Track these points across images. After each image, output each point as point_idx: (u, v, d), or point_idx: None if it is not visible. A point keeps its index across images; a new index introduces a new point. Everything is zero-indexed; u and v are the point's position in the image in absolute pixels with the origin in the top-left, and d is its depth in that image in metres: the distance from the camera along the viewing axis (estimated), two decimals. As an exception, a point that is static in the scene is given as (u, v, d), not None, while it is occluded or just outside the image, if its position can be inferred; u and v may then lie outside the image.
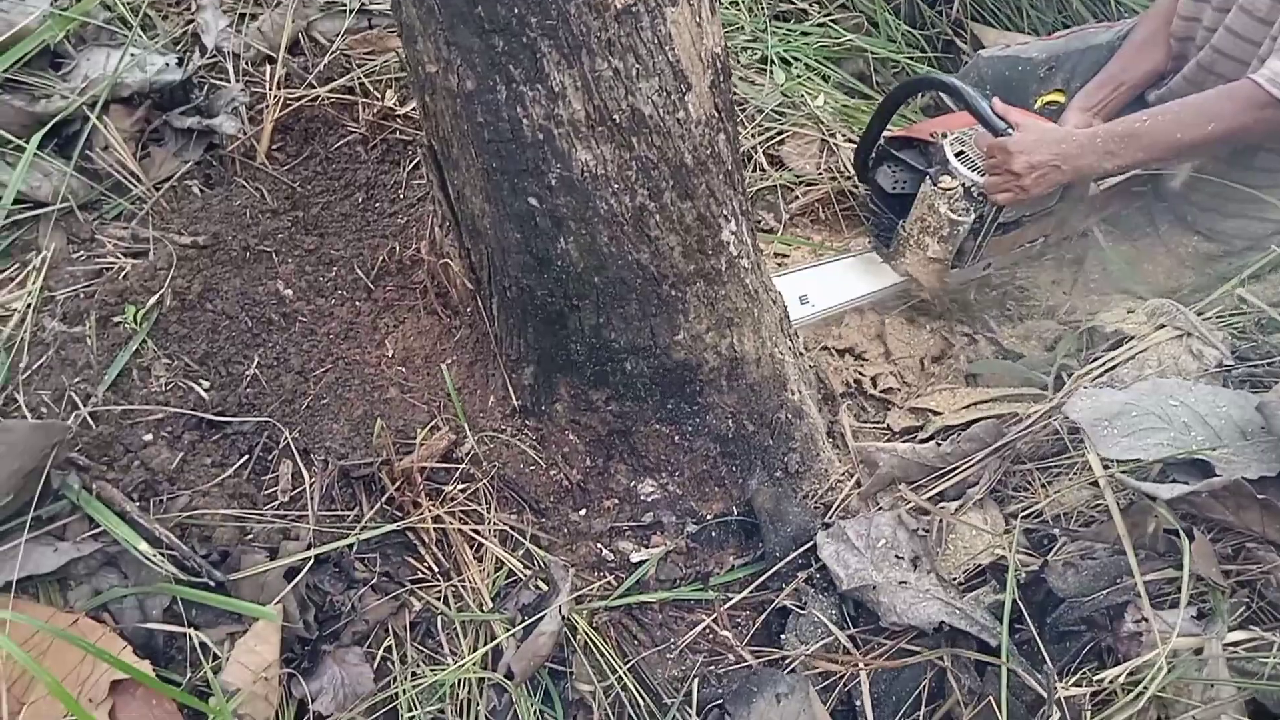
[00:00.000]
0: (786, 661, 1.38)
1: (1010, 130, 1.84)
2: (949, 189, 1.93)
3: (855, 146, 2.15)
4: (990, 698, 1.18)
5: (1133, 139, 1.79)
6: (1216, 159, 2.02)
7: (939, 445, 1.65)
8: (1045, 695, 1.10)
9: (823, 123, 2.45)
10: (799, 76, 2.57)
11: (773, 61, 2.56)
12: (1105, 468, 1.34)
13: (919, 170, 2.04)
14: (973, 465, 1.63)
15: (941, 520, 1.50)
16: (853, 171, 2.38)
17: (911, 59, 2.75)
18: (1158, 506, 1.20)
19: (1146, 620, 1.12)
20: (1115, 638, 1.15)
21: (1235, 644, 1.08)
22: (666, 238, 1.40)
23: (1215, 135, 1.77)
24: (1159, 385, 1.48)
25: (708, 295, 1.49)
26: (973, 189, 1.92)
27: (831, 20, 2.76)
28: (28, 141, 1.66)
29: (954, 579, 1.42)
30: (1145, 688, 1.05)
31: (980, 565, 1.42)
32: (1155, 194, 2.22)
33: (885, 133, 2.09)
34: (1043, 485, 1.57)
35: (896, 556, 1.42)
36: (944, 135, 2.00)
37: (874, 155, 2.13)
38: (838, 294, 2.07)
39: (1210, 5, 2.00)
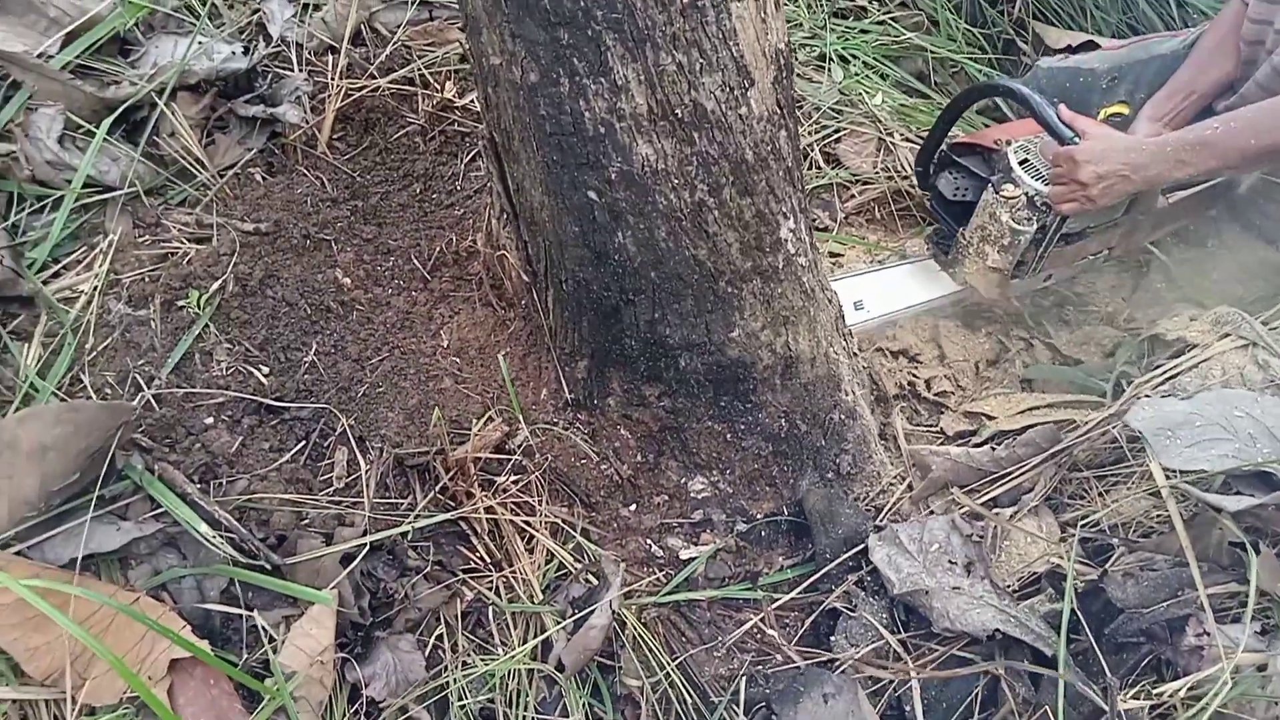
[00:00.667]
0: (836, 664, 1.37)
1: (1077, 139, 1.80)
2: (1012, 197, 1.89)
3: (917, 150, 2.13)
4: (1046, 708, 1.17)
5: (1205, 147, 1.75)
6: None
7: (994, 450, 1.63)
8: (1105, 707, 1.09)
9: (880, 121, 2.43)
10: (857, 74, 2.55)
11: (831, 59, 2.53)
12: (1167, 478, 1.31)
13: (981, 177, 2.01)
14: (1028, 471, 1.61)
15: (996, 526, 1.49)
16: (910, 172, 2.36)
17: (972, 58, 2.71)
18: (1223, 519, 1.18)
19: (1209, 634, 1.10)
20: (1175, 651, 1.13)
21: (1303, 662, 1.05)
22: (725, 234, 1.40)
23: None
24: (1224, 395, 1.45)
25: (764, 293, 1.48)
26: (1036, 198, 1.88)
27: (891, 18, 2.74)
28: (98, 126, 1.69)
29: (1008, 586, 1.40)
30: (1207, 704, 1.03)
31: (1035, 573, 1.40)
32: (1222, 201, 2.17)
33: (948, 138, 2.06)
34: (1100, 494, 1.54)
35: (950, 561, 1.41)
36: (1008, 143, 1.97)
37: (936, 161, 2.10)
38: (894, 300, 2.05)
39: None
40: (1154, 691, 1.09)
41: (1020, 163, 1.92)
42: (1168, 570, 1.21)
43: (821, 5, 2.69)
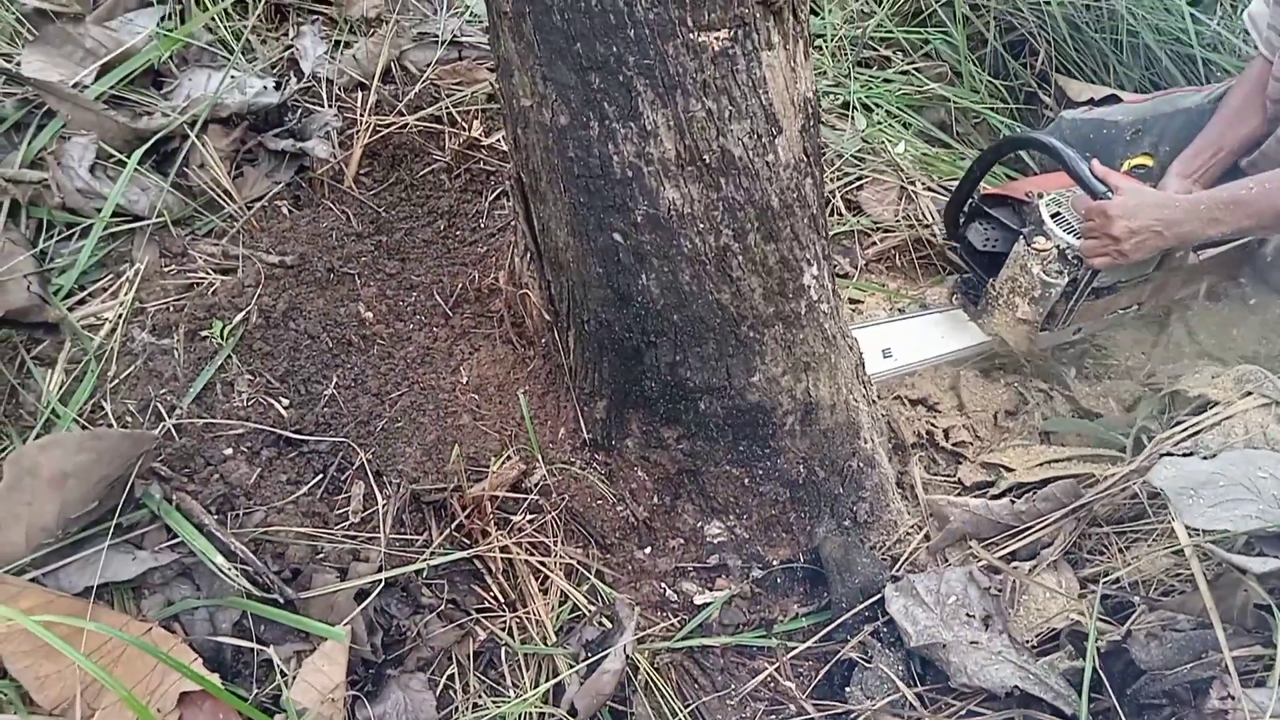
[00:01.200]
0: (851, 716, 1.35)
1: (1110, 194, 1.80)
2: (1043, 250, 1.89)
3: (947, 201, 2.13)
4: (1067, 768, 1.15)
5: (1238, 206, 1.75)
6: None
7: (1013, 503, 1.62)
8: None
9: (902, 170, 2.44)
10: (880, 123, 2.56)
11: (854, 107, 2.55)
12: (1190, 537, 1.30)
13: (1012, 229, 2.01)
14: (1047, 526, 1.60)
15: (1014, 580, 1.47)
16: (932, 221, 2.37)
17: (993, 109, 2.73)
18: (1248, 580, 1.16)
19: (1233, 698, 1.08)
20: (1199, 715, 1.11)
21: (1331, 730, 1.03)
22: (748, 279, 1.40)
23: None
24: (1248, 456, 1.44)
25: (786, 338, 1.48)
26: (1068, 251, 1.88)
27: (915, 68, 2.76)
28: (129, 157, 1.72)
29: (1026, 642, 1.38)
30: (1234, 770, 1.01)
31: (1054, 629, 1.38)
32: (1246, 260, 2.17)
33: (979, 189, 2.06)
34: (1120, 550, 1.53)
35: (968, 615, 1.39)
36: (1040, 195, 1.97)
37: (966, 211, 2.10)
38: (922, 349, 2.04)
39: None
40: (1179, 756, 1.08)
41: (1052, 215, 1.92)
42: (1191, 631, 1.19)
43: (846, 54, 2.72)
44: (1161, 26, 2.71)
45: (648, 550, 1.59)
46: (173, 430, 1.45)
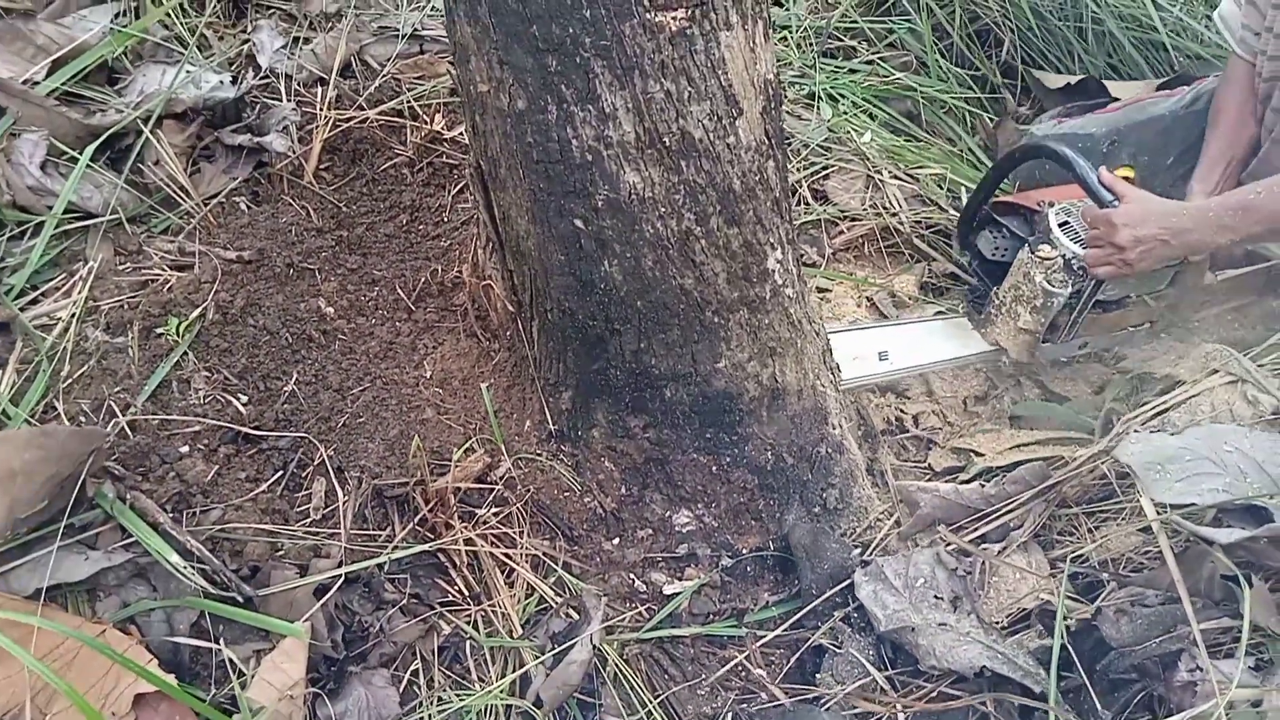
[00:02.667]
0: (822, 701, 1.34)
1: (1116, 202, 1.77)
2: (1047, 259, 1.86)
3: (961, 210, 2.11)
4: (1036, 746, 1.14)
5: (1247, 211, 1.70)
6: None
7: (983, 487, 1.61)
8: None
9: (869, 159, 2.43)
10: (846, 113, 2.56)
11: (820, 97, 2.55)
12: (1158, 512, 1.30)
13: (1021, 238, 1.99)
14: (1017, 508, 1.59)
15: (984, 562, 1.46)
16: (896, 208, 2.36)
17: (961, 99, 2.73)
18: (1214, 552, 1.16)
19: (1202, 670, 1.07)
20: (1168, 687, 1.10)
21: (1298, 698, 1.03)
22: (711, 263, 1.39)
23: None
24: (1214, 431, 1.44)
25: (751, 323, 1.47)
26: (1073, 261, 1.84)
27: (880, 58, 2.76)
28: (81, 153, 1.68)
29: (996, 622, 1.37)
30: (1202, 742, 1.01)
31: (1024, 609, 1.38)
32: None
33: (994, 197, 2.05)
34: (1090, 530, 1.52)
35: (936, 597, 1.38)
36: (1050, 204, 1.94)
37: (977, 220, 2.08)
38: (920, 355, 1.99)
39: None
40: (1147, 729, 1.07)
41: (1060, 225, 1.88)
42: (1160, 606, 1.19)
43: (811, 44, 2.71)
44: (1124, 13, 2.72)
45: (616, 541, 1.57)
46: (126, 428, 1.42)
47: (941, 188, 2.44)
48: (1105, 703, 1.15)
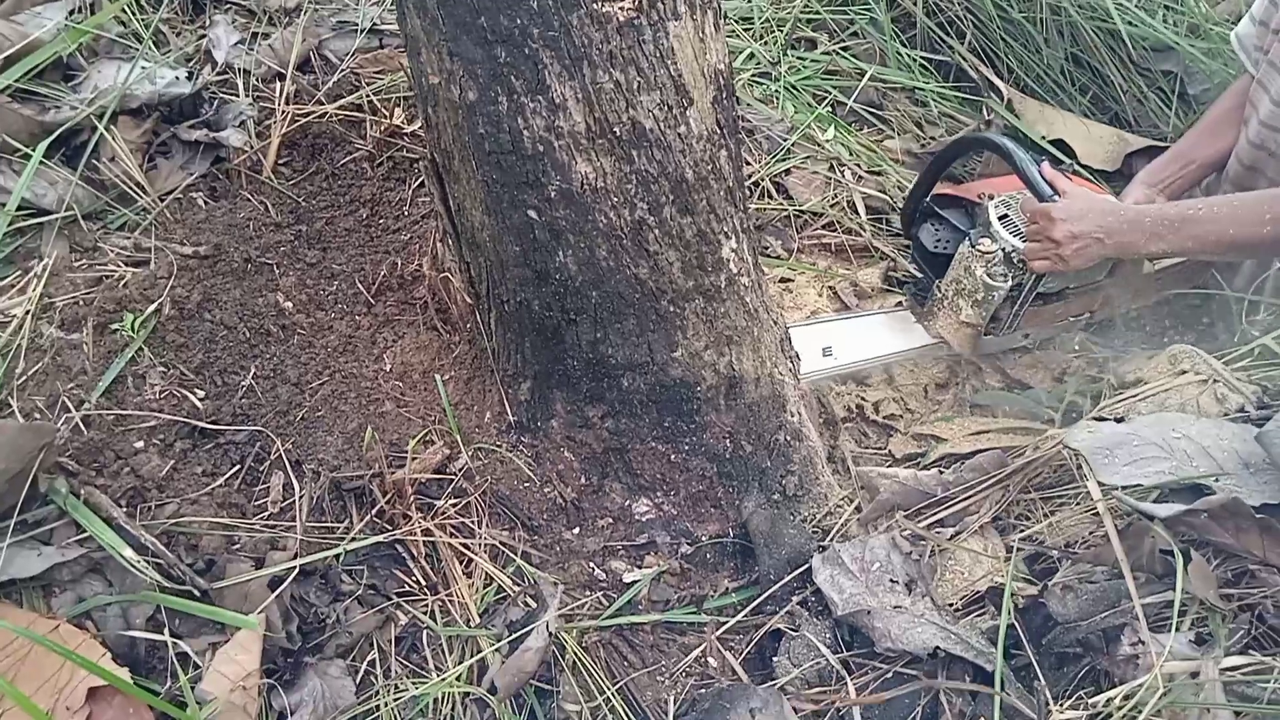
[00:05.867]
0: (777, 683, 1.35)
1: (1056, 196, 1.77)
2: (988, 252, 1.87)
3: (904, 201, 2.12)
4: (983, 719, 1.16)
5: (1184, 225, 1.70)
6: None
7: (941, 473, 1.63)
8: (1036, 718, 1.08)
9: (830, 154, 2.45)
10: (809, 106, 2.57)
11: (782, 92, 2.56)
12: (1105, 494, 1.32)
13: (963, 231, 1.98)
14: (975, 494, 1.60)
15: (938, 545, 1.48)
16: (859, 205, 2.38)
17: (924, 86, 2.74)
18: (1154, 526, 1.18)
19: (1143, 643, 1.09)
20: (1111, 661, 1.12)
21: (1235, 668, 1.04)
22: (665, 253, 1.40)
23: (1269, 238, 1.66)
24: (1162, 418, 1.46)
25: (707, 312, 1.48)
26: (1013, 254, 1.85)
27: (842, 48, 2.77)
28: (34, 150, 1.67)
29: (951, 605, 1.39)
30: (1138, 711, 1.02)
31: (979, 591, 1.39)
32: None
33: (935, 190, 2.05)
34: (1045, 515, 1.54)
35: (891, 580, 1.40)
36: (991, 197, 1.95)
37: (919, 212, 2.09)
38: (864, 349, 2.00)
39: (1278, 79, 1.91)
40: (1090, 701, 1.08)
41: (1000, 218, 1.89)
42: (1106, 582, 1.20)
43: (775, 36, 2.72)
44: (1086, 2, 2.74)
45: (576, 530, 1.58)
46: (80, 424, 1.42)
47: (901, 191, 2.45)
48: (1054, 678, 1.17)
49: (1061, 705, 1.11)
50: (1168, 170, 2.11)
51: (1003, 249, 1.87)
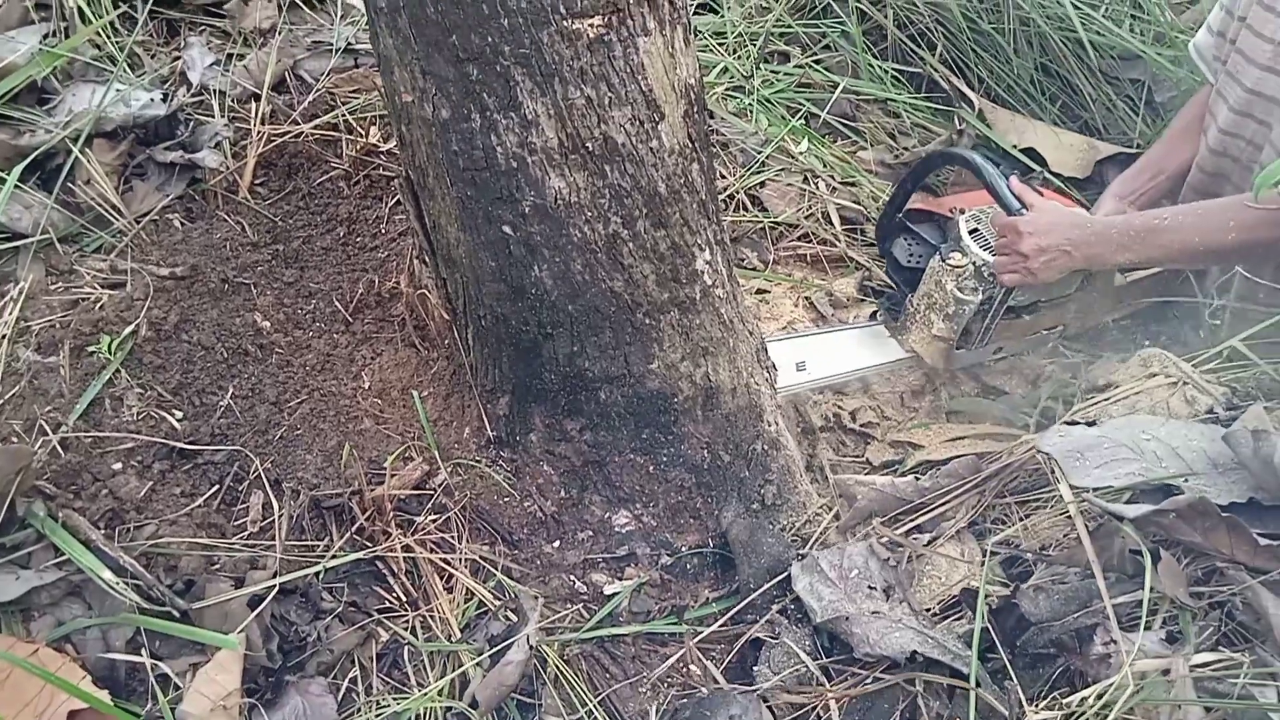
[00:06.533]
0: (758, 692, 1.36)
1: (1024, 210, 1.79)
2: (958, 266, 1.88)
3: (878, 217, 2.13)
4: (958, 721, 1.17)
5: (1150, 235, 1.72)
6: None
7: (917, 480, 1.64)
8: (1010, 718, 1.09)
9: (806, 166, 2.47)
10: (783, 119, 2.60)
11: (756, 105, 2.59)
12: (1076, 496, 1.34)
13: (935, 245, 2.00)
14: (951, 499, 1.62)
15: (915, 551, 1.49)
16: (833, 217, 2.40)
17: (897, 98, 2.77)
18: (1124, 527, 1.20)
19: (1115, 642, 1.10)
20: (1084, 660, 1.13)
21: (1205, 665, 1.06)
22: (640, 266, 1.41)
23: (1234, 245, 1.69)
24: (1132, 421, 1.48)
25: (682, 324, 1.49)
26: (983, 268, 1.86)
27: (815, 61, 2.80)
28: (8, 174, 1.67)
29: (929, 610, 1.40)
30: (1109, 709, 1.04)
31: (955, 596, 1.41)
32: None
33: (909, 204, 2.06)
34: (1021, 518, 1.56)
35: (869, 587, 1.41)
36: (962, 211, 1.96)
37: (892, 226, 2.10)
38: (837, 364, 2.00)
39: (1236, 88, 1.93)
40: (1064, 701, 1.10)
41: (970, 232, 1.90)
42: (1078, 582, 1.22)
43: (749, 50, 2.75)
44: (1054, 14, 2.77)
45: (556, 544, 1.58)
46: (58, 447, 1.42)
47: (875, 201, 2.48)
48: (1029, 679, 1.18)
49: (1036, 706, 1.12)
50: (1138, 181, 2.13)
51: (973, 263, 1.88)
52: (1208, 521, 1.16)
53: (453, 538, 1.49)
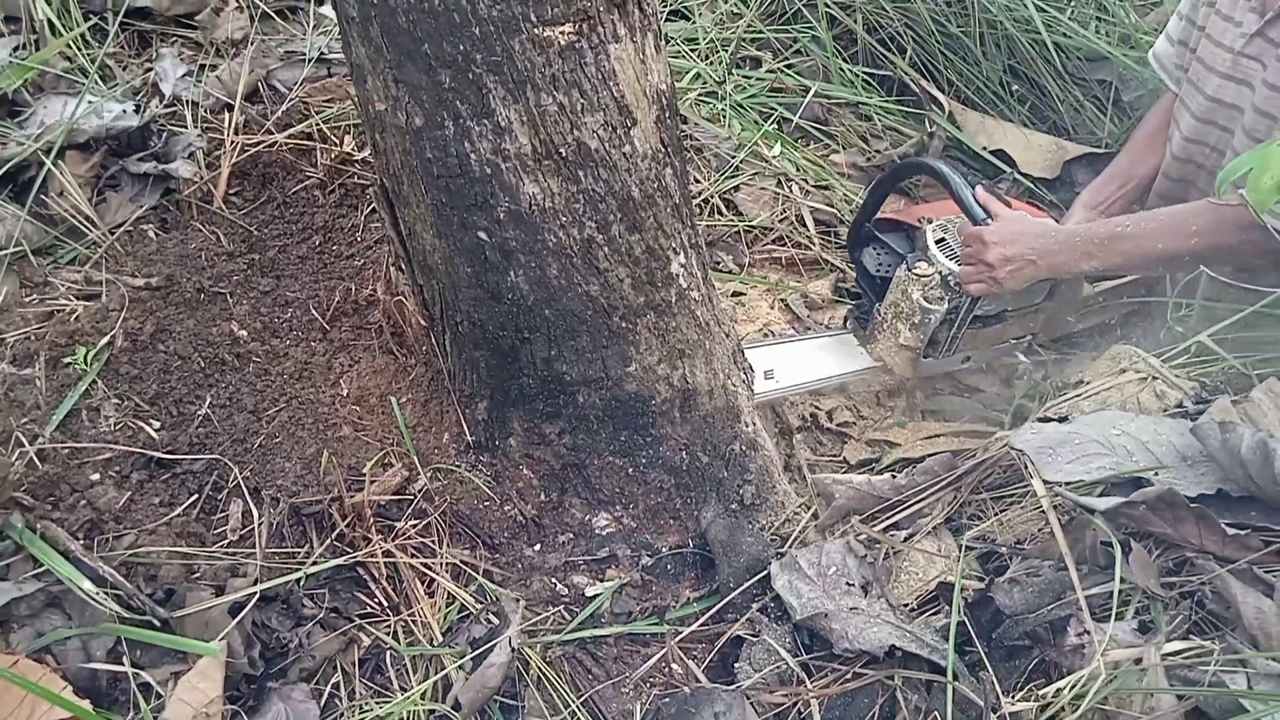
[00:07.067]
0: (740, 688, 1.37)
1: (990, 220, 1.80)
2: (924, 275, 1.90)
3: (850, 226, 2.14)
4: (936, 714, 1.19)
5: (1113, 242, 1.75)
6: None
7: (894, 477, 1.66)
8: (986, 709, 1.11)
9: (779, 170, 2.49)
10: (756, 124, 2.62)
11: (729, 110, 2.61)
12: (1049, 490, 1.36)
13: (902, 254, 2.01)
14: (927, 496, 1.64)
15: (892, 547, 1.51)
16: (807, 220, 2.42)
17: (868, 102, 2.80)
18: (1095, 519, 1.22)
19: (1088, 632, 1.13)
20: (1058, 652, 1.15)
21: (1176, 653, 1.08)
22: (615, 270, 1.42)
23: (1197, 249, 1.71)
24: (1102, 417, 1.50)
25: (658, 327, 1.50)
26: (949, 278, 1.87)
27: (787, 65, 2.82)
28: (-20, 187, 1.67)
29: (907, 605, 1.42)
30: (1082, 699, 1.06)
31: (932, 590, 1.42)
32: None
33: (878, 214, 2.07)
34: (996, 514, 1.58)
35: (848, 584, 1.43)
36: (929, 221, 1.98)
37: (862, 236, 2.10)
38: (805, 372, 1.99)
39: (1198, 96, 1.96)
40: (1040, 692, 1.11)
41: (936, 241, 1.92)
42: (1051, 574, 1.24)
43: (720, 55, 2.77)
44: (1020, 16, 2.81)
45: (537, 547, 1.59)
46: (35, 458, 1.41)
47: (848, 204, 2.50)
48: (1005, 671, 1.20)
49: (1013, 697, 1.14)
50: (1107, 190, 2.16)
51: (939, 272, 1.89)
52: (1177, 513, 1.18)
53: (433, 542, 1.50)
